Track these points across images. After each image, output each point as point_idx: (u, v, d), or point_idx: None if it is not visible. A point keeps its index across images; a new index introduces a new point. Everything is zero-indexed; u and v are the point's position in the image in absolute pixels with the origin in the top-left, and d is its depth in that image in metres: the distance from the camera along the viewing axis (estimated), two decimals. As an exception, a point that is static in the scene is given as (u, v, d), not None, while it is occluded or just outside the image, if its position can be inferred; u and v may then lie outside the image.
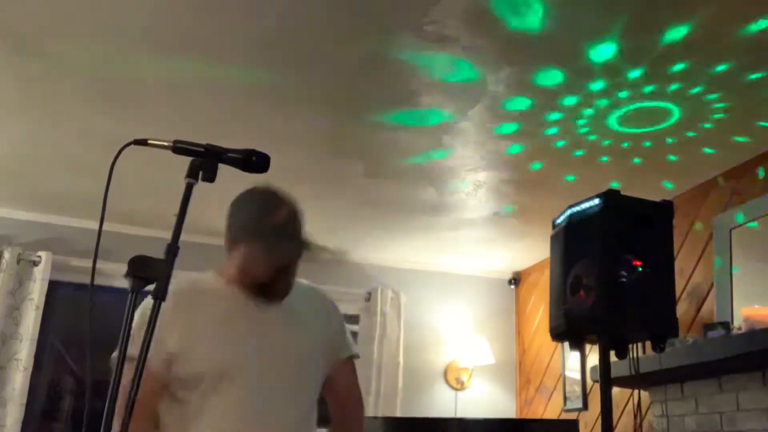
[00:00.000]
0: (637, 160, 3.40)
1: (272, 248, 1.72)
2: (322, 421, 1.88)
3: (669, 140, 3.17)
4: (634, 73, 2.67)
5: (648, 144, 3.22)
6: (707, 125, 3.02)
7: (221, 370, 1.66)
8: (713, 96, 2.79)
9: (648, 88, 2.76)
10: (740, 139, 3.13)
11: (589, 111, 2.97)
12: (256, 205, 1.78)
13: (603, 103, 2.89)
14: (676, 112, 2.94)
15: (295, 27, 2.52)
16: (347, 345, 1.95)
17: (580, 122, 3.07)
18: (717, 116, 2.94)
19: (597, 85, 2.77)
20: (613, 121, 3.04)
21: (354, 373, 1.97)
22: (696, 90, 2.75)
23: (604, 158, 3.38)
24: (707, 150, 3.26)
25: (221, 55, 2.73)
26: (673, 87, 2.74)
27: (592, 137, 3.19)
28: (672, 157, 3.35)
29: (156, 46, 2.69)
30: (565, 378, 4.68)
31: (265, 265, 1.73)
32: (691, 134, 3.10)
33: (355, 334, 5.10)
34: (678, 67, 2.60)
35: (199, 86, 2.97)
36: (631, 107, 2.91)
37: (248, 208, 1.78)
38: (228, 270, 1.80)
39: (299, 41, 2.60)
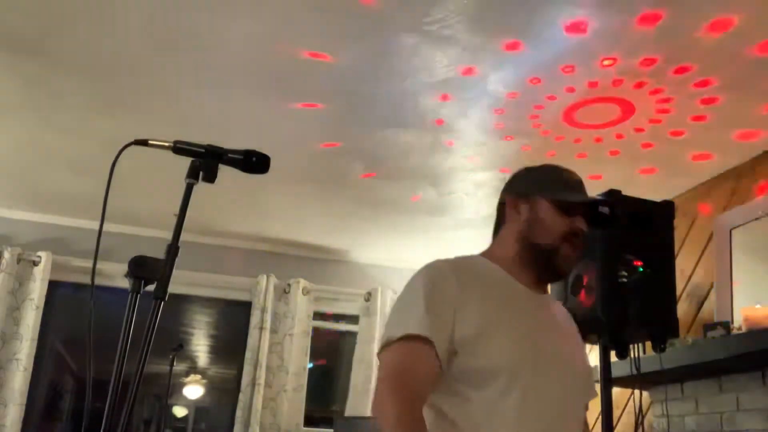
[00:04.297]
0: (636, 157, 3.39)
1: (571, 196, 1.55)
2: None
3: (669, 139, 3.17)
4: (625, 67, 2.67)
5: (647, 141, 3.22)
6: (705, 124, 3.02)
7: (516, 366, 1.43)
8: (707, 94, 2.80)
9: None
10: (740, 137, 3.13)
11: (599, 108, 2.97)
12: (548, 167, 1.65)
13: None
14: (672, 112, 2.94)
15: (292, 27, 2.52)
16: (593, 386, 1.71)
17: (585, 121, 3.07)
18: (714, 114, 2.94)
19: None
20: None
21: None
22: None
23: (604, 157, 3.38)
24: (707, 151, 3.26)
25: (221, 54, 2.73)
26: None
27: (603, 134, 3.19)
28: (671, 157, 3.35)
29: (156, 46, 2.69)
30: (565, 378, 4.66)
31: (556, 220, 1.53)
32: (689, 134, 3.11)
33: (354, 334, 5.11)
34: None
35: (200, 86, 2.97)
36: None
37: (540, 169, 1.65)
38: (502, 248, 1.60)
39: (297, 40, 2.60)
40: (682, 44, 2.47)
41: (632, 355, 2.37)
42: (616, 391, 2.84)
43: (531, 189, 1.58)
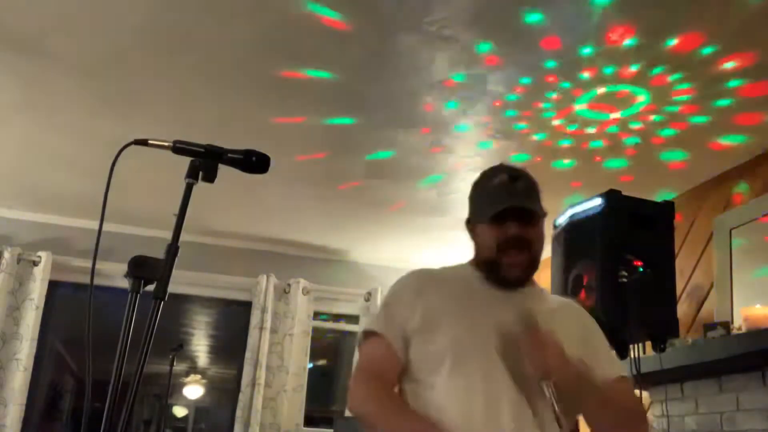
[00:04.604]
0: (637, 161, 3.39)
1: (489, 209, 1.63)
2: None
3: (669, 140, 3.17)
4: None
5: (645, 144, 3.22)
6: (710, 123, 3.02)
7: (459, 350, 1.57)
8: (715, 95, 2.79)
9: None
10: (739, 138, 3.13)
11: (588, 113, 2.97)
12: (476, 183, 1.78)
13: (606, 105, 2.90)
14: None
15: (295, 26, 2.52)
16: (610, 366, 1.70)
17: (575, 127, 3.07)
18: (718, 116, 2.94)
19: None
20: (614, 123, 3.04)
21: (630, 391, 1.74)
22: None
23: (605, 159, 3.38)
24: (707, 150, 3.25)
25: (221, 54, 2.73)
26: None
27: (591, 139, 3.19)
28: (673, 157, 3.35)
29: (156, 46, 2.69)
30: (565, 378, 4.66)
31: (487, 235, 1.64)
32: (690, 134, 3.11)
33: (355, 334, 5.11)
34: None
35: (200, 86, 2.97)
36: (634, 110, 2.92)
37: (472, 188, 1.78)
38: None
39: (300, 40, 2.60)
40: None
41: (632, 355, 2.37)
42: (616, 391, 2.83)
43: (469, 215, 1.75)
